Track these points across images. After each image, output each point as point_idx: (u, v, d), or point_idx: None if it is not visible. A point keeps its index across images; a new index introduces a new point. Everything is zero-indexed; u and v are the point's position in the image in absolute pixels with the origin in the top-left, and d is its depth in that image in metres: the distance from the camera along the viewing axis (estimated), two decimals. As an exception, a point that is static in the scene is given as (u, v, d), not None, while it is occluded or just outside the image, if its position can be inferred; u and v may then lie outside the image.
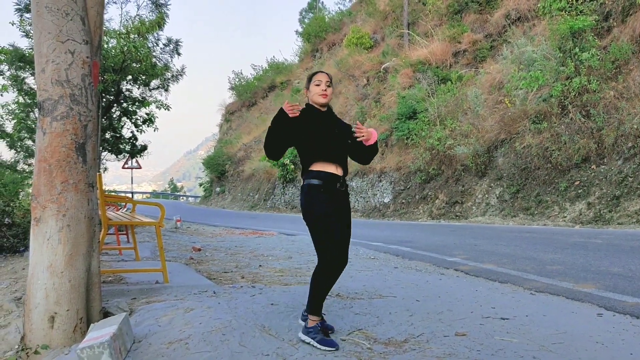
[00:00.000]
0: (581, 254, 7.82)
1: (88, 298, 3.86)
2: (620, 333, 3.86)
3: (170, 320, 3.90)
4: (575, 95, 15.36)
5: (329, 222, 3.57)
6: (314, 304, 3.61)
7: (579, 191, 14.16)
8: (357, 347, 3.50)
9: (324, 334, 3.56)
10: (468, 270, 7.07)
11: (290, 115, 3.70)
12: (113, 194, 22.62)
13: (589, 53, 15.20)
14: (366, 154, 3.95)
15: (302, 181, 3.82)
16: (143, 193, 78.59)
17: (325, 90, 3.85)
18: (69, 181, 3.70)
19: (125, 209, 9.39)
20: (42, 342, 3.67)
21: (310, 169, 3.73)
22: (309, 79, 3.97)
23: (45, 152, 3.69)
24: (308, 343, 3.51)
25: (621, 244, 8.66)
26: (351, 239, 3.88)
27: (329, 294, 5.07)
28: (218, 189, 44.66)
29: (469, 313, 4.40)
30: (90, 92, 3.84)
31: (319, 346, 3.46)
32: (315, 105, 3.91)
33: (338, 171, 3.74)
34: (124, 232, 9.85)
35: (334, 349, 3.45)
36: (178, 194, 73.32)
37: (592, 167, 14.36)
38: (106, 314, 4.12)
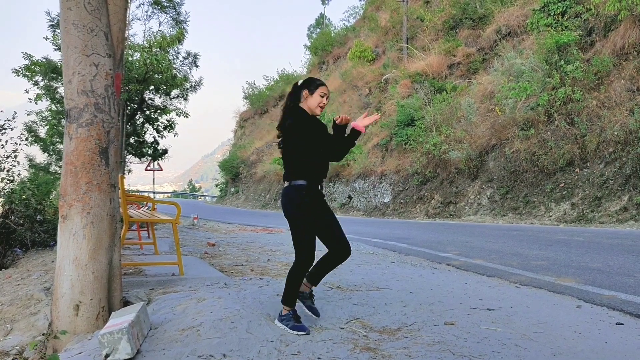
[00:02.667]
0: (564, 250, 7.79)
1: (110, 288, 3.89)
2: (597, 323, 3.85)
3: (184, 309, 3.92)
4: (560, 104, 15.32)
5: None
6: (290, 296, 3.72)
7: (564, 192, 14.11)
8: (354, 335, 3.52)
9: (295, 320, 3.64)
10: (459, 265, 7.06)
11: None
12: (136, 193, 22.71)
13: (573, 65, 15.17)
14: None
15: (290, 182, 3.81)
16: (164, 193, 78.77)
17: (325, 104, 3.81)
18: (93, 182, 3.72)
19: (147, 207, 9.42)
20: (68, 328, 3.69)
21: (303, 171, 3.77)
22: (314, 85, 3.81)
23: (71, 155, 3.72)
24: (282, 329, 3.63)
25: (601, 241, 8.63)
26: (353, 235, 3.99)
27: (330, 285, 5.09)
28: (232, 190, 44.75)
29: (458, 304, 4.40)
30: (112, 101, 3.86)
31: (290, 331, 3.56)
32: (308, 111, 3.80)
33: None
34: (145, 229, 9.88)
35: (304, 333, 3.54)
36: (196, 193, 73.40)
37: (575, 170, 14.31)
38: (126, 303, 4.14)
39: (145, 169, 25.88)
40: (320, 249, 3.63)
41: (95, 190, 3.73)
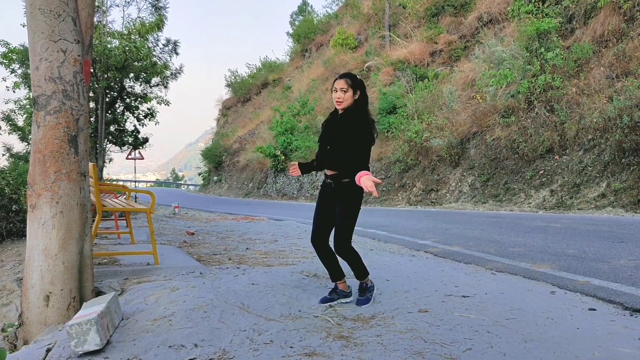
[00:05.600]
0: (541, 237, 7.85)
1: (81, 279, 3.84)
2: (569, 309, 3.88)
3: (156, 299, 3.88)
4: (540, 91, 15.39)
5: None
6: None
7: (543, 179, 14.22)
8: (327, 323, 3.50)
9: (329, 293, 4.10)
10: (437, 252, 7.07)
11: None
12: (114, 182, 22.50)
13: (553, 53, 15.23)
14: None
15: None
16: (147, 182, 78.47)
17: (340, 97, 3.85)
18: (62, 171, 3.66)
19: (125, 196, 9.32)
20: (38, 319, 3.64)
21: None
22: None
23: (39, 143, 3.65)
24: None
25: (578, 227, 8.70)
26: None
27: (307, 274, 5.07)
28: (215, 178, 44.52)
29: (433, 291, 4.41)
30: (81, 88, 3.79)
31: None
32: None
33: (328, 172, 3.98)
34: (124, 218, 9.78)
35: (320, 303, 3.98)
36: (179, 182, 73.05)
37: (555, 157, 14.41)
38: (98, 294, 4.09)
39: (127, 158, 25.63)
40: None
41: (65, 179, 3.67)
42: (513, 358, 2.85)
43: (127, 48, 15.65)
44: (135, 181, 40.94)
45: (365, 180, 3.65)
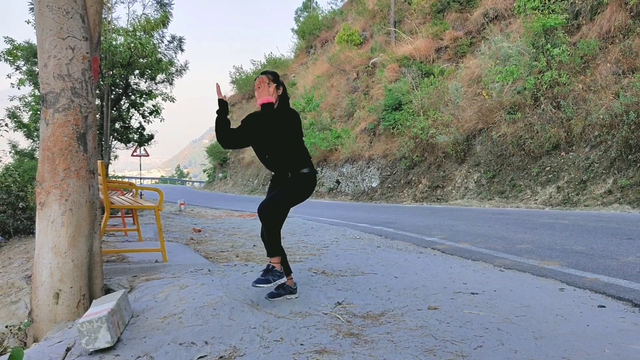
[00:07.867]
0: (548, 233, 7.83)
1: (90, 276, 3.84)
2: (579, 306, 3.86)
3: (166, 296, 3.89)
4: (546, 88, 15.34)
5: None
6: None
7: (550, 176, 14.18)
8: (337, 321, 3.50)
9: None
10: (444, 249, 7.06)
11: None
12: (120, 179, 22.54)
13: (559, 49, 15.18)
14: None
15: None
16: (152, 179, 78.60)
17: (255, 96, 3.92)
18: (71, 168, 3.66)
19: (131, 193, 9.34)
20: (48, 317, 3.64)
21: None
22: None
23: (48, 141, 3.65)
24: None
25: (586, 224, 8.68)
26: (340, 220, 4.07)
27: (315, 271, 5.08)
28: (220, 175, 44.61)
29: (442, 288, 4.40)
30: (90, 86, 3.79)
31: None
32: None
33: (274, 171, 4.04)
34: (131, 215, 9.80)
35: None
36: (184, 179, 73.19)
37: (561, 154, 14.36)
38: (108, 291, 4.09)
39: (132, 155, 25.70)
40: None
41: (74, 177, 3.67)
42: (524, 355, 2.84)
43: (133, 45, 15.67)
44: (141, 178, 41.04)
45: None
